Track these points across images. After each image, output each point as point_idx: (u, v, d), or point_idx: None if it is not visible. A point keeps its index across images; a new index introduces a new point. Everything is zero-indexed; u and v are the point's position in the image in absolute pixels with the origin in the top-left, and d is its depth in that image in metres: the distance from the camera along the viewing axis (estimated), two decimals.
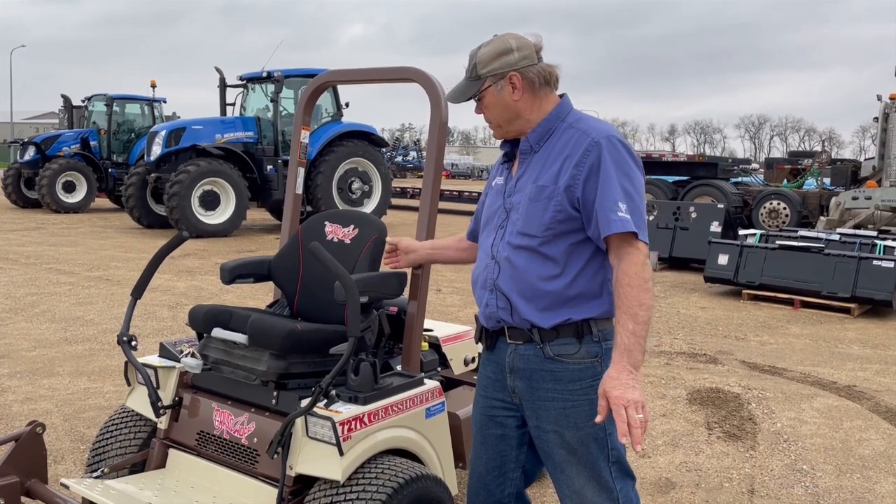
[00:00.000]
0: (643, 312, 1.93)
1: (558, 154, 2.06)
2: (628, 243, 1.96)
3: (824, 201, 12.85)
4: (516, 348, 2.14)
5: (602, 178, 1.97)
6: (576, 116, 2.12)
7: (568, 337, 2.07)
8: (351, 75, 3.25)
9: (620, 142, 2.03)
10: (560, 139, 2.08)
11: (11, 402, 4.60)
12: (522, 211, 2.08)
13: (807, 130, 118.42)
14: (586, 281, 2.06)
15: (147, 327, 6.53)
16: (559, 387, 2.08)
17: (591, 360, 2.08)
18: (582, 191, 2.00)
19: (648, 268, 1.97)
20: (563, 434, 2.09)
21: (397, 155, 47.65)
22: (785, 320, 7.92)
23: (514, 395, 2.18)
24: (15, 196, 18.64)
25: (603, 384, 1.91)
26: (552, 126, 2.11)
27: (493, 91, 2.10)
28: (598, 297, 2.08)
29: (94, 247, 11.89)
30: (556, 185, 2.03)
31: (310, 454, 2.39)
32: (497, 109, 2.12)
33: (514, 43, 2.08)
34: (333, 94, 14.66)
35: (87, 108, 19.42)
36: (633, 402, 1.85)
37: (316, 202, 13.91)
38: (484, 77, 2.09)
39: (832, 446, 4.31)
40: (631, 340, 1.91)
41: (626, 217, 1.95)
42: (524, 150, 2.15)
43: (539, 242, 2.05)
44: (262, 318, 2.63)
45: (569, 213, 2.02)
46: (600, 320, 2.09)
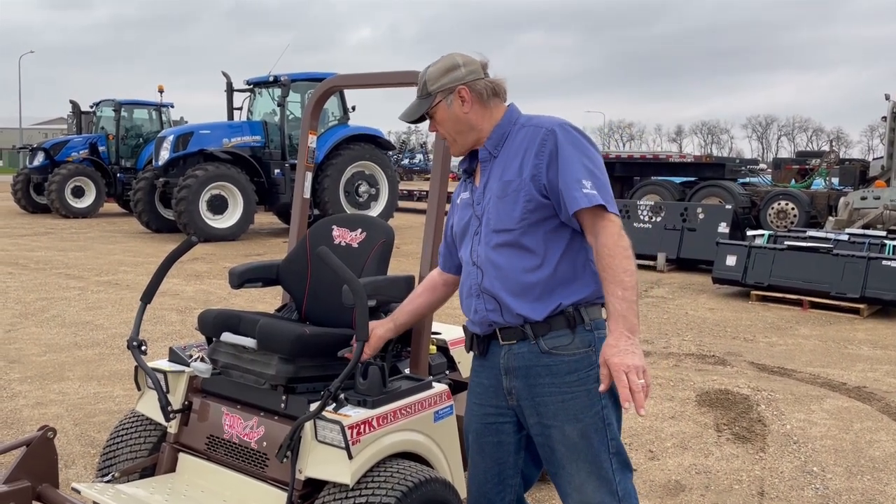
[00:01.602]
0: (628, 278, 1.96)
1: (517, 151, 2.12)
2: (600, 217, 2.01)
3: (833, 201, 12.80)
4: (510, 348, 2.16)
5: (562, 161, 2.04)
6: (526, 118, 2.19)
7: (560, 329, 2.10)
8: (358, 80, 3.27)
9: (572, 127, 2.11)
10: (516, 139, 2.15)
11: (22, 406, 4.62)
12: (493, 210, 2.13)
13: (814, 130, 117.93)
14: (569, 265, 2.11)
15: (156, 331, 6.56)
16: (556, 380, 2.11)
17: (585, 350, 2.11)
18: (546, 177, 2.05)
19: (625, 236, 2.01)
20: (564, 428, 2.11)
21: (404, 158, 47.68)
22: (794, 321, 7.89)
23: (511, 398, 2.19)
24: (24, 201, 18.77)
25: (602, 353, 1.94)
26: (506, 130, 2.17)
27: (443, 106, 2.16)
28: (582, 280, 2.12)
29: (103, 251, 11.96)
30: (521, 178, 2.08)
31: (319, 458, 2.40)
32: (449, 123, 2.18)
33: (461, 60, 2.17)
34: (340, 97, 14.71)
35: (95, 113, 19.54)
36: (634, 366, 1.87)
37: (323, 206, 13.95)
38: (434, 93, 2.16)
39: (842, 448, 4.29)
40: (623, 306, 1.94)
41: (593, 192, 2.00)
42: (484, 158, 2.20)
43: (516, 235, 2.09)
44: (271, 322, 2.64)
45: (539, 202, 2.07)
46: (590, 307, 2.13)
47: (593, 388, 2.07)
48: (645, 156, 15.74)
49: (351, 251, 2.96)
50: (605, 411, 2.11)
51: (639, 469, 3.87)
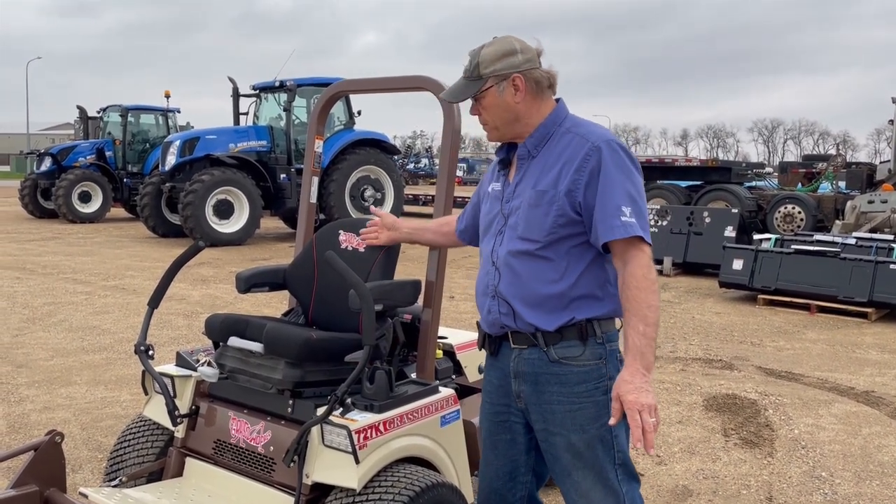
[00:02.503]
0: (652, 314, 1.93)
1: (556, 159, 2.06)
2: (634, 246, 1.97)
3: (839, 205, 12.76)
4: (520, 353, 2.15)
5: (603, 183, 1.98)
6: (573, 121, 2.12)
7: (572, 339, 2.08)
8: (363, 84, 3.27)
9: (620, 146, 2.04)
10: (558, 144, 2.08)
11: (30, 411, 4.64)
12: (522, 216, 2.08)
13: (821, 133, 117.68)
14: (588, 283, 2.07)
15: (163, 336, 6.57)
16: (564, 390, 2.09)
17: (595, 362, 2.08)
18: (583, 195, 2.00)
19: (653, 269, 1.99)
20: (570, 437, 2.10)
21: (409, 162, 47.72)
22: (801, 325, 7.86)
23: (519, 400, 2.19)
24: (32, 206, 18.85)
25: (617, 387, 1.92)
26: (549, 131, 2.11)
27: (494, 92, 2.08)
28: (600, 299, 2.09)
29: (110, 256, 11.99)
30: (556, 190, 2.03)
31: (326, 462, 2.40)
32: (496, 111, 2.11)
33: (518, 45, 2.07)
34: (346, 102, 14.74)
35: (102, 118, 19.64)
36: (647, 406, 1.87)
37: (329, 210, 13.97)
38: (486, 77, 2.07)
39: (851, 453, 4.27)
40: (642, 342, 1.92)
41: (631, 221, 1.95)
42: (522, 156, 2.14)
43: (540, 247, 2.06)
44: (278, 326, 2.64)
45: (570, 217, 2.03)
46: (603, 321, 2.10)
47: (601, 400, 2.06)
48: (651, 160, 15.69)
49: (357, 256, 2.96)
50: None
51: (646, 474, 3.86)
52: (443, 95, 2.16)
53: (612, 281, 2.09)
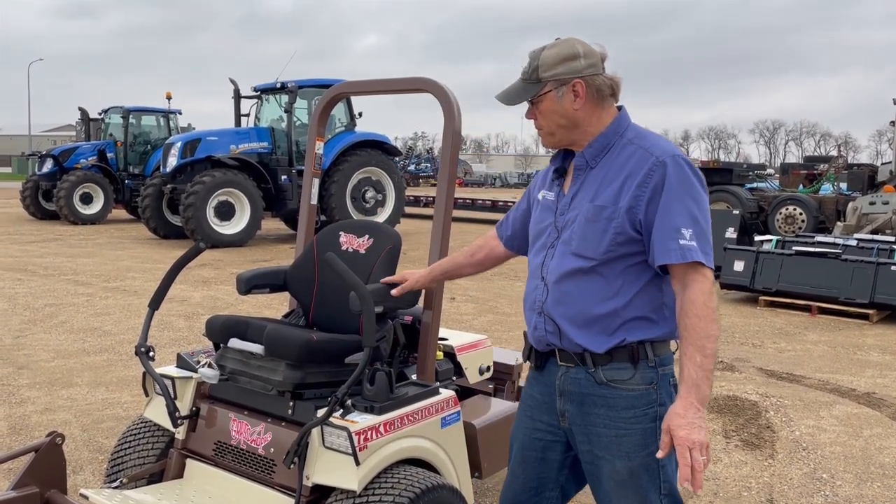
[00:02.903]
0: (710, 344, 1.82)
1: (618, 172, 1.94)
2: (694, 270, 1.86)
3: (841, 206, 12.75)
4: (567, 371, 2.04)
5: (666, 201, 1.87)
6: (635, 132, 2.00)
7: (622, 361, 1.96)
8: (364, 86, 3.27)
9: (686, 162, 1.92)
10: (619, 156, 1.96)
11: (31, 412, 4.64)
12: (578, 231, 1.97)
13: (822, 135, 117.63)
14: (642, 304, 1.96)
15: (163, 338, 6.58)
16: (611, 413, 1.98)
17: (645, 387, 1.97)
18: (644, 213, 1.89)
19: (714, 296, 1.87)
20: (614, 463, 1.99)
21: (410, 164, 47.77)
22: (802, 327, 7.85)
23: (563, 419, 2.08)
24: (33, 208, 18.87)
25: (668, 420, 1.82)
26: (610, 141, 1.99)
27: (552, 97, 1.97)
28: (654, 321, 1.97)
29: (111, 258, 12.00)
30: (616, 206, 1.91)
31: (326, 464, 2.40)
32: (553, 116, 1.99)
33: (582, 49, 1.96)
34: (347, 104, 14.75)
35: (103, 120, 19.66)
36: (699, 443, 1.77)
37: (330, 211, 13.97)
38: (545, 81, 1.96)
39: (852, 454, 4.27)
40: (699, 374, 1.81)
41: (691, 244, 1.84)
42: (579, 166, 2.02)
43: (595, 264, 1.94)
44: (279, 328, 2.64)
45: (629, 236, 1.91)
46: (657, 343, 1.98)
47: (649, 427, 1.96)
48: None
49: (358, 257, 2.97)
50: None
51: None
52: (497, 97, 2.03)
53: (670, 304, 1.97)
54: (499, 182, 57.21)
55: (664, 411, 1.93)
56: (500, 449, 3.14)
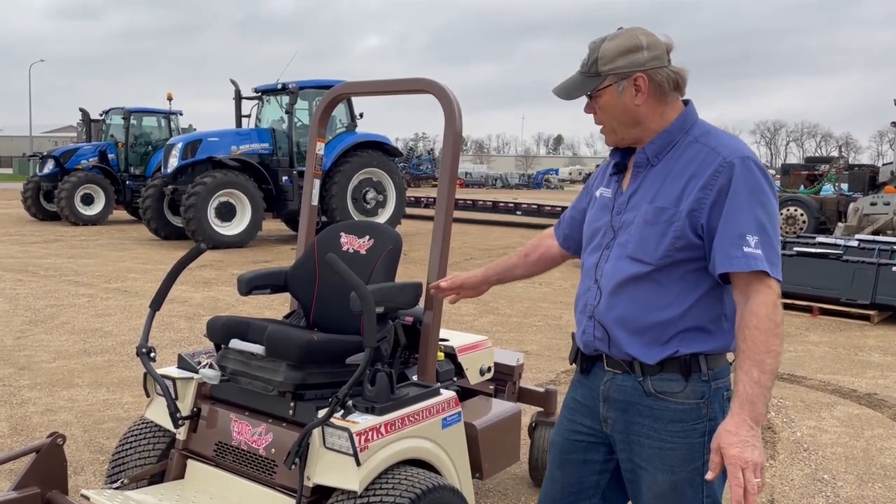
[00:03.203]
0: (771, 360, 1.69)
1: (681, 172, 1.82)
2: (758, 280, 1.72)
3: (842, 207, 12.76)
4: (613, 377, 1.94)
5: (731, 205, 1.74)
6: (702, 129, 1.88)
7: (673, 372, 1.85)
8: (365, 87, 3.28)
9: (755, 163, 1.79)
10: (683, 155, 1.84)
11: (32, 413, 4.64)
12: (635, 233, 1.86)
13: (823, 136, 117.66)
14: (699, 314, 1.84)
15: (164, 338, 6.58)
16: (657, 425, 1.87)
17: (696, 401, 1.85)
18: (707, 217, 1.77)
19: (780, 309, 1.73)
20: (656, 475, 1.89)
21: (411, 164, 47.80)
22: (804, 328, 7.85)
23: (606, 425, 1.98)
24: (34, 209, 18.88)
25: (718, 438, 1.69)
26: (674, 138, 1.87)
27: (612, 91, 1.85)
28: (710, 333, 1.85)
29: (112, 259, 12.01)
30: (677, 209, 1.79)
31: (327, 465, 2.40)
32: (614, 112, 1.88)
33: (645, 40, 1.84)
34: (348, 104, 14.75)
35: (104, 121, 19.67)
36: (753, 463, 1.63)
37: (331, 212, 13.97)
38: (604, 74, 1.84)
39: (853, 455, 4.26)
40: (755, 391, 1.67)
41: (756, 252, 1.71)
42: (640, 164, 1.91)
43: (651, 269, 1.83)
44: (279, 329, 2.65)
45: (689, 240, 1.79)
46: (711, 356, 1.86)
47: (697, 442, 1.86)
48: None
49: (359, 258, 2.97)
50: (705, 467, 1.83)
51: None
52: (554, 91, 1.91)
53: (730, 316, 1.84)
54: (499, 183, 57.23)
55: (715, 426, 1.80)
56: (500, 450, 3.15)
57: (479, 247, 14.62)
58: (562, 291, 9.12)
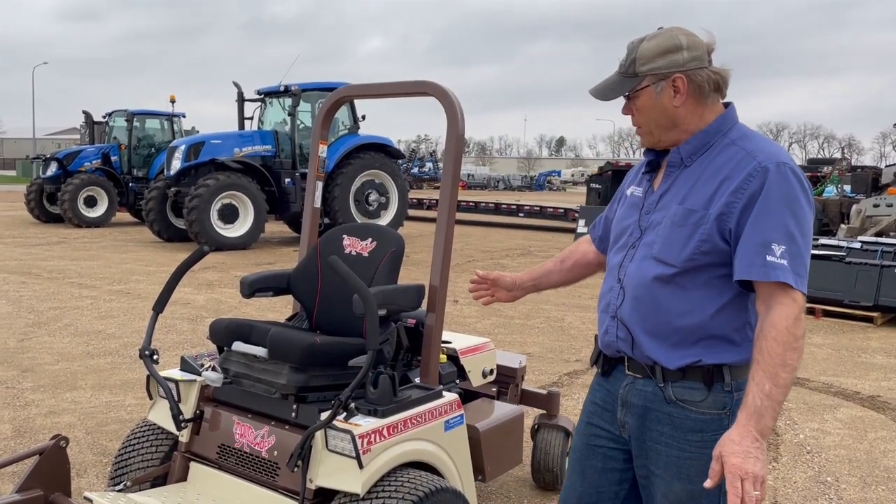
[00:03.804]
0: (785, 374, 1.65)
1: (714, 174, 1.78)
2: (782, 292, 1.68)
3: (845, 209, 12.72)
4: (633, 381, 1.91)
5: (760, 211, 1.69)
6: (740, 132, 1.84)
7: (695, 381, 1.81)
8: (368, 90, 3.28)
9: (792, 171, 1.73)
10: (718, 157, 1.80)
11: (35, 415, 4.65)
12: (662, 234, 1.82)
13: (826, 137, 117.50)
14: (725, 322, 1.80)
15: (167, 340, 6.59)
16: (676, 434, 1.83)
17: (718, 412, 1.81)
18: (736, 222, 1.73)
19: (802, 323, 1.69)
20: (672, 484, 1.85)
21: (413, 166, 47.83)
22: (806, 330, 7.81)
23: (623, 430, 1.95)
24: (37, 211, 18.91)
25: (720, 446, 1.66)
26: (710, 140, 1.83)
27: (650, 92, 1.82)
28: (736, 343, 1.81)
29: (115, 261, 12.02)
30: (707, 211, 1.76)
31: (330, 467, 2.40)
32: (652, 114, 1.84)
33: (685, 40, 1.80)
34: (350, 107, 14.77)
35: (107, 123, 19.70)
36: (753, 475, 1.59)
37: (333, 214, 13.99)
38: (643, 75, 1.81)
39: (856, 458, 4.25)
40: (764, 403, 1.64)
41: (781, 263, 1.67)
42: (673, 163, 1.88)
43: (676, 272, 1.79)
44: (282, 331, 2.65)
45: (716, 245, 1.75)
46: (735, 367, 1.81)
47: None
48: None
49: (361, 260, 2.97)
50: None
51: None
52: (591, 91, 1.88)
53: (754, 325, 1.80)
54: (502, 185, 57.23)
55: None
56: (503, 452, 3.15)
57: (482, 249, 14.62)
58: (564, 293, 9.12)
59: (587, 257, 2.29)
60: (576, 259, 2.30)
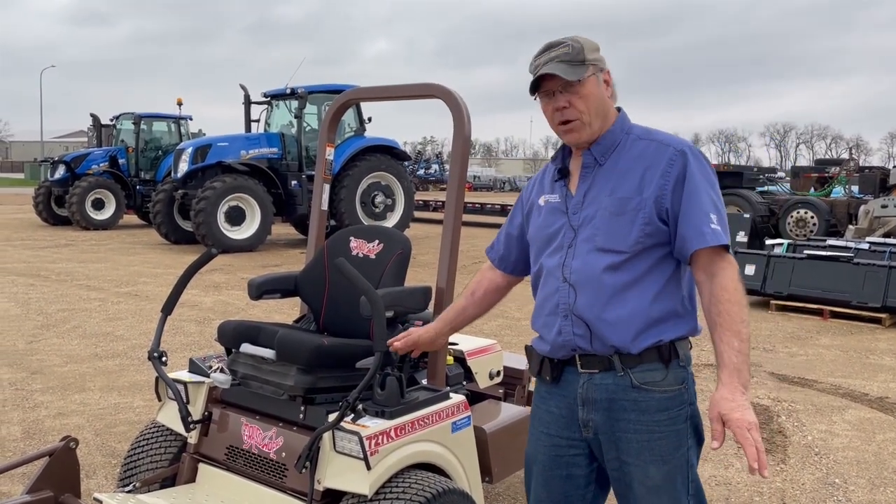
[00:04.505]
0: (745, 329, 1.81)
1: (633, 166, 1.93)
2: (721, 257, 1.86)
3: (853, 210, 12.70)
4: (591, 377, 1.96)
5: (690, 189, 1.87)
6: (643, 129, 2.02)
7: (653, 362, 1.92)
8: (374, 93, 3.29)
9: (700, 152, 1.96)
10: (630, 151, 1.96)
11: (44, 417, 4.67)
12: (602, 226, 1.92)
13: (833, 138, 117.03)
14: (669, 299, 1.93)
15: (175, 342, 6.61)
16: (644, 418, 1.92)
17: (678, 388, 1.94)
18: (671, 201, 1.88)
19: (742, 282, 1.87)
20: (647, 469, 1.93)
21: (419, 168, 47.82)
22: (814, 331, 7.81)
23: (587, 430, 1.99)
24: (45, 214, 19.00)
25: (717, 406, 1.77)
26: (616, 139, 1.98)
27: (595, 81, 1.94)
28: (680, 316, 1.95)
29: (123, 263, 12.07)
30: (641, 196, 1.90)
31: (337, 468, 2.41)
32: (595, 101, 1.94)
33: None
34: (356, 109, 14.80)
35: (115, 126, 19.79)
36: (755, 424, 1.74)
37: (340, 216, 14.02)
38: (588, 64, 1.92)
39: (865, 459, 4.24)
40: (738, 359, 1.79)
41: (718, 229, 1.85)
42: (587, 164, 1.99)
43: (624, 259, 1.90)
44: (290, 333, 2.66)
45: (657, 226, 1.90)
46: (683, 341, 1.96)
47: (682, 428, 1.94)
48: None
49: (368, 262, 2.98)
50: (690, 452, 1.96)
51: None
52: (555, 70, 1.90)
53: (689, 297, 1.97)
54: (508, 186, 57.20)
55: (694, 410, 1.97)
56: (510, 454, 3.14)
57: None
58: None
59: (496, 282, 2.33)
60: (485, 287, 2.34)
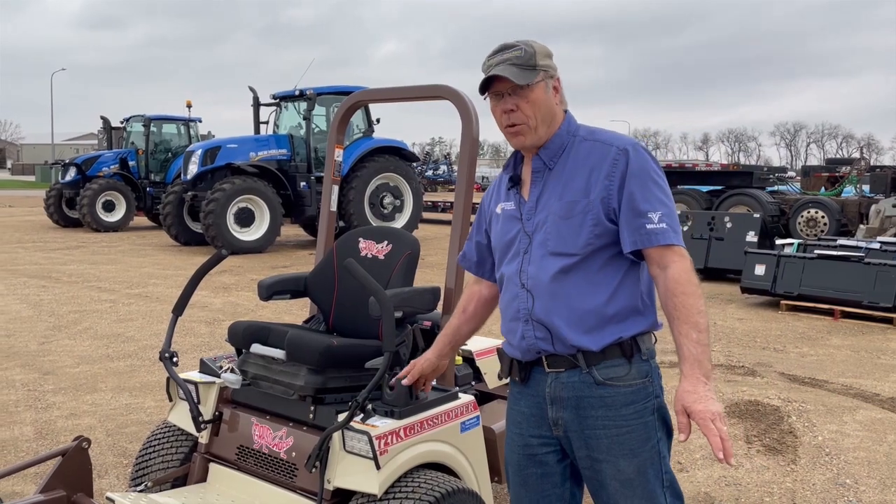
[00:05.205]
0: (702, 319, 1.83)
1: (579, 168, 1.96)
2: (670, 251, 1.89)
3: (864, 209, 12.61)
4: (557, 377, 1.99)
5: (632, 187, 1.90)
6: (587, 130, 2.04)
7: (616, 358, 1.95)
8: (383, 94, 3.30)
9: (644, 149, 1.99)
10: (577, 153, 1.99)
11: (56, 417, 4.71)
12: (553, 230, 1.96)
13: (844, 137, 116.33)
14: (627, 295, 1.96)
15: (185, 343, 6.65)
16: (611, 413, 1.95)
17: (642, 381, 1.96)
18: (617, 201, 1.91)
19: (695, 273, 1.89)
20: (618, 464, 1.95)
21: (428, 169, 47.83)
22: (825, 331, 7.77)
23: (557, 428, 2.02)
24: (57, 216, 19.13)
25: (680, 400, 1.80)
26: (564, 142, 2.01)
27: (543, 86, 1.96)
28: (639, 312, 1.98)
29: (134, 264, 12.14)
30: (588, 199, 1.92)
31: (347, 468, 2.42)
32: (543, 107, 1.97)
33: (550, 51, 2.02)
34: (364, 110, 14.83)
35: (125, 128, 19.90)
36: (718, 414, 1.76)
37: (348, 217, 14.05)
38: (538, 69, 1.95)
39: (876, 460, 4.22)
40: (698, 350, 1.82)
41: (661, 227, 1.88)
42: (537, 169, 2.03)
43: (577, 260, 1.93)
44: (300, 333, 2.67)
45: (605, 227, 1.92)
46: (645, 336, 1.99)
47: (650, 420, 1.96)
48: (671, 164, 15.61)
49: (377, 263, 2.99)
50: (660, 444, 1.99)
51: None
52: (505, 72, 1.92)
53: (647, 292, 2.00)
54: None
55: (660, 403, 2.00)
56: None
57: None
58: None
59: (482, 294, 2.31)
60: (475, 302, 2.32)
